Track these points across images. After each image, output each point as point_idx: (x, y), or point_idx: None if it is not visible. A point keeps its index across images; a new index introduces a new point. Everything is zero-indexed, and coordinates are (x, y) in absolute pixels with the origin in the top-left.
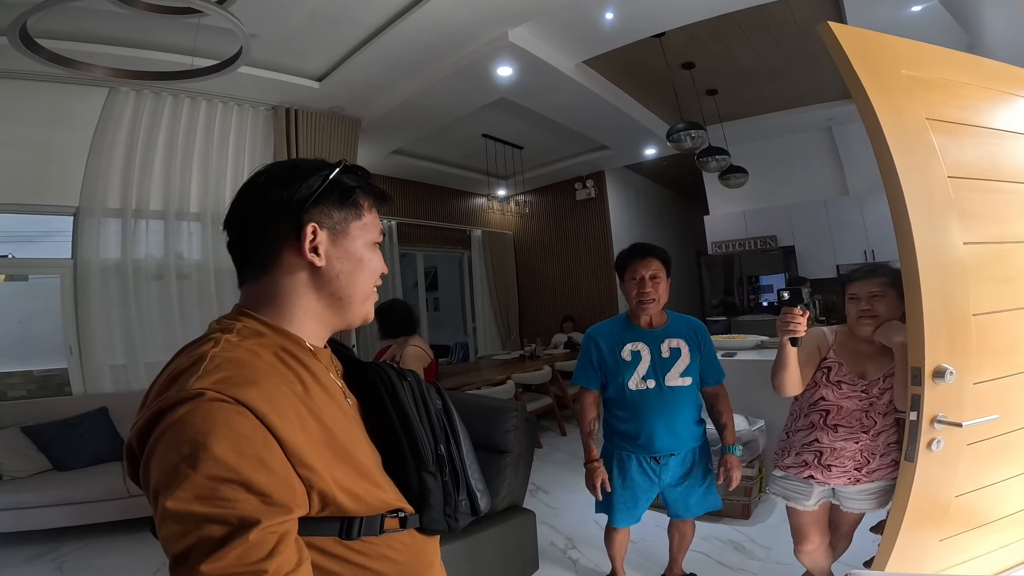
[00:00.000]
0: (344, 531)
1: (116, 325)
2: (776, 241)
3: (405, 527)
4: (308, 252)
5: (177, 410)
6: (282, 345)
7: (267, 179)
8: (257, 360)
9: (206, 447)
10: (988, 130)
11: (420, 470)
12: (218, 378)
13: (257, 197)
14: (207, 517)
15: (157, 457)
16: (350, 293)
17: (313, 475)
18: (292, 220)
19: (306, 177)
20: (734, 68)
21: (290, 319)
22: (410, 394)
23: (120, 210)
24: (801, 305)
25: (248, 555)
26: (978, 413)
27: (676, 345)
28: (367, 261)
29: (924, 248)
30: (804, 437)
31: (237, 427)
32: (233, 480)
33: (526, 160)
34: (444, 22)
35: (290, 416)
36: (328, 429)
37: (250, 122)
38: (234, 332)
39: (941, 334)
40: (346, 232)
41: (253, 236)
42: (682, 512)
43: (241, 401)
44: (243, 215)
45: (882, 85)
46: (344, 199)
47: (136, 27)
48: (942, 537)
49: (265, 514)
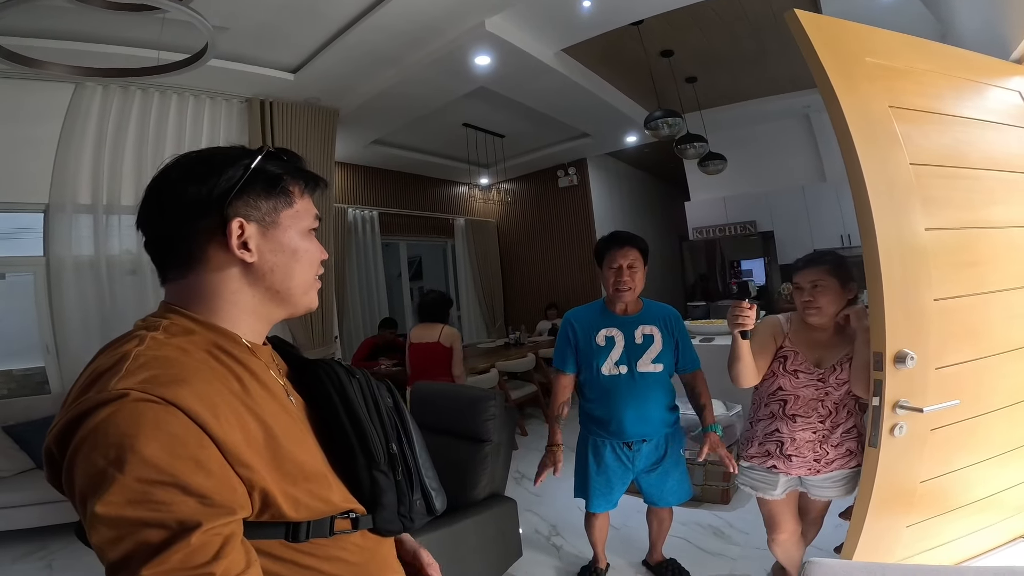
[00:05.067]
0: (291, 534)
1: (93, 322)
2: (756, 226)
3: (357, 528)
4: (236, 249)
5: (99, 412)
6: (215, 342)
7: (181, 173)
8: (186, 358)
9: (134, 449)
10: (952, 117)
11: (371, 469)
12: (143, 377)
13: (172, 194)
14: (142, 521)
15: (79, 464)
16: (288, 286)
17: (253, 474)
18: (215, 216)
19: (224, 168)
20: (712, 56)
21: (223, 316)
22: (359, 391)
23: (91, 205)
24: (749, 299)
25: (192, 558)
26: (940, 398)
27: (649, 332)
28: (303, 251)
29: (885, 234)
30: (766, 427)
31: (167, 427)
32: (167, 482)
33: (508, 148)
34: (420, 12)
35: (226, 415)
36: (269, 428)
37: (223, 115)
38: (160, 329)
39: (902, 319)
40: (276, 223)
41: (171, 235)
42: (657, 500)
43: (170, 401)
44: (157, 213)
45: (846, 73)
46: (271, 187)
47: (99, 22)
48: (909, 523)
49: (206, 516)
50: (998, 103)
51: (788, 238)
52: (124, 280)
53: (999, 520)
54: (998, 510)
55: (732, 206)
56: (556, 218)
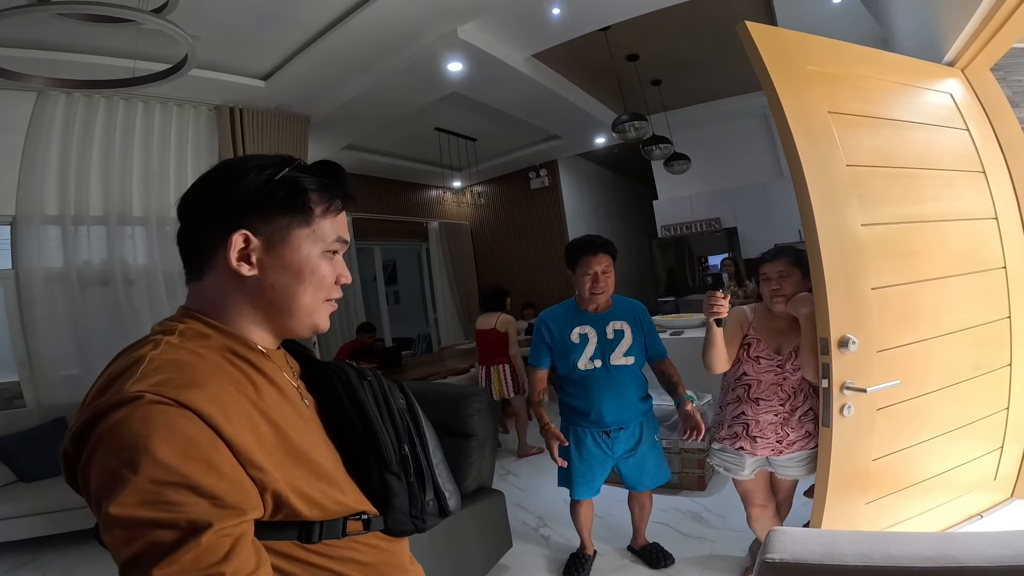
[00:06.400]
0: (304, 535)
1: (65, 334)
2: (720, 223)
3: (369, 529)
4: (234, 261)
5: (114, 414)
6: (229, 347)
7: (209, 178)
8: (201, 362)
9: (147, 450)
10: (885, 120)
11: (382, 471)
12: (157, 380)
13: (196, 197)
14: (154, 522)
15: (95, 464)
16: (289, 306)
17: (265, 476)
18: (226, 224)
19: (248, 176)
20: (676, 59)
21: (233, 323)
22: (370, 393)
23: (59, 217)
24: (723, 289)
25: (202, 559)
26: (883, 380)
27: (620, 327)
28: (309, 272)
29: (825, 230)
30: (733, 410)
31: (181, 430)
32: (179, 484)
33: (480, 151)
34: (393, 20)
35: (238, 417)
36: (282, 431)
37: (192, 123)
38: (176, 334)
39: (844, 307)
40: (285, 240)
41: (190, 237)
42: (637, 483)
43: (184, 404)
44: (184, 214)
45: (789, 80)
46: (289, 203)
47: (70, 31)
48: (867, 500)
49: (217, 517)
50: (930, 105)
51: (751, 233)
52: (95, 291)
53: (952, 498)
54: (949, 489)
55: (698, 204)
56: (529, 219)
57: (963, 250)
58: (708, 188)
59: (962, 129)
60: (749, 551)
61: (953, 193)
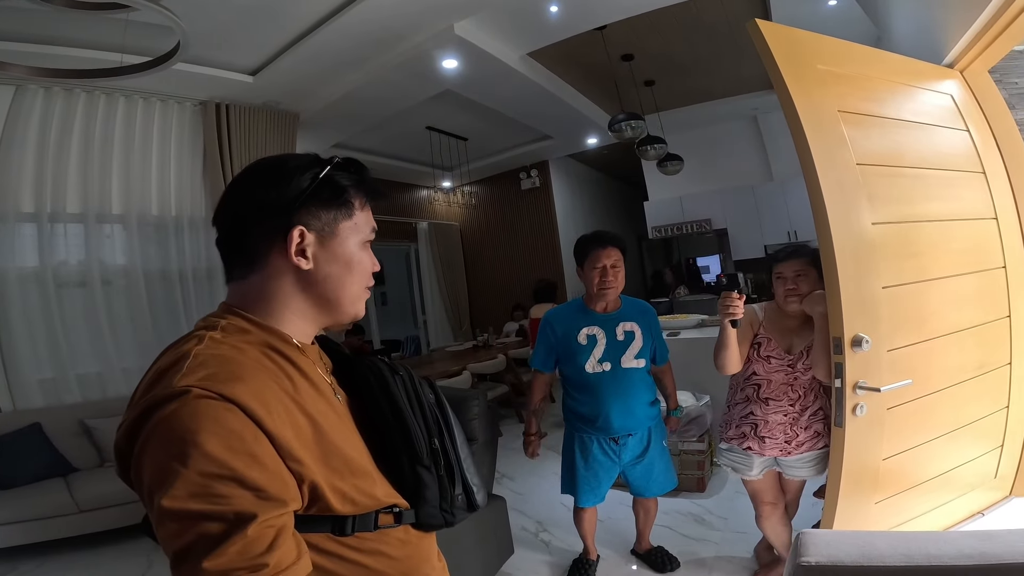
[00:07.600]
0: (337, 528)
1: (40, 337)
2: (710, 224)
3: (400, 523)
4: (294, 256)
5: (164, 408)
6: (268, 342)
7: (253, 177)
8: (242, 356)
9: (196, 444)
10: (891, 120)
11: (414, 464)
12: (203, 375)
13: (242, 196)
14: (203, 514)
15: (148, 456)
16: (339, 296)
17: (303, 468)
18: (278, 222)
19: (294, 175)
20: (670, 60)
21: (277, 318)
22: (402, 388)
23: (35, 214)
24: (737, 289)
25: (248, 550)
26: (894, 379)
27: (630, 328)
28: (356, 263)
29: (838, 229)
30: (741, 410)
31: (226, 423)
32: (226, 476)
33: (471, 151)
34: (389, 16)
35: (278, 411)
36: (317, 425)
37: (175, 118)
38: (218, 329)
39: (856, 306)
40: (334, 234)
41: (238, 236)
42: (644, 490)
43: (228, 397)
44: (228, 213)
45: (800, 79)
46: (334, 199)
47: (52, 22)
48: (877, 500)
49: (261, 508)
50: (932, 106)
51: (741, 235)
52: (72, 293)
53: (955, 497)
54: (952, 487)
55: (688, 205)
56: (519, 220)
57: (965, 250)
58: (698, 189)
59: (962, 130)
60: (755, 553)
61: (955, 193)
